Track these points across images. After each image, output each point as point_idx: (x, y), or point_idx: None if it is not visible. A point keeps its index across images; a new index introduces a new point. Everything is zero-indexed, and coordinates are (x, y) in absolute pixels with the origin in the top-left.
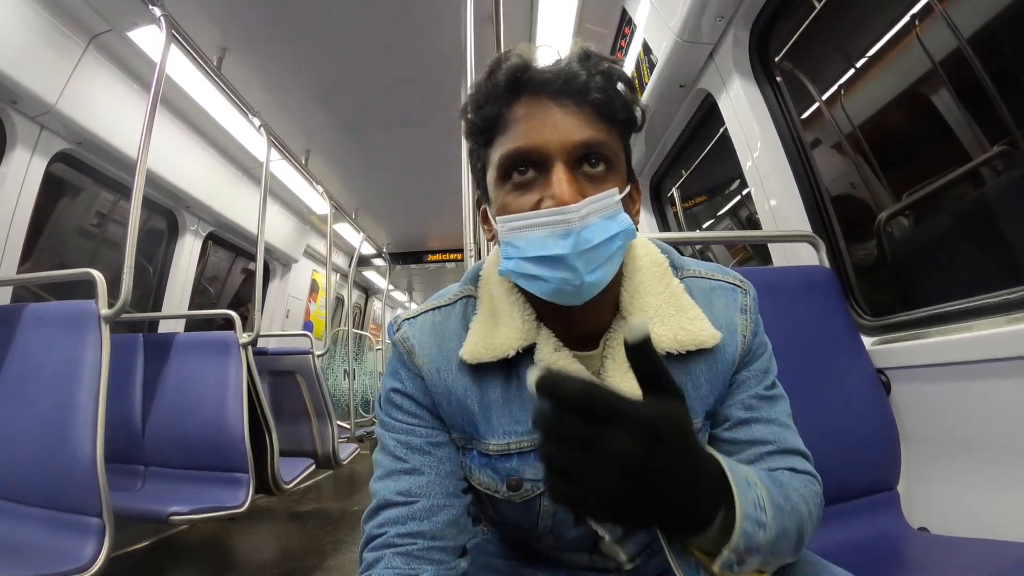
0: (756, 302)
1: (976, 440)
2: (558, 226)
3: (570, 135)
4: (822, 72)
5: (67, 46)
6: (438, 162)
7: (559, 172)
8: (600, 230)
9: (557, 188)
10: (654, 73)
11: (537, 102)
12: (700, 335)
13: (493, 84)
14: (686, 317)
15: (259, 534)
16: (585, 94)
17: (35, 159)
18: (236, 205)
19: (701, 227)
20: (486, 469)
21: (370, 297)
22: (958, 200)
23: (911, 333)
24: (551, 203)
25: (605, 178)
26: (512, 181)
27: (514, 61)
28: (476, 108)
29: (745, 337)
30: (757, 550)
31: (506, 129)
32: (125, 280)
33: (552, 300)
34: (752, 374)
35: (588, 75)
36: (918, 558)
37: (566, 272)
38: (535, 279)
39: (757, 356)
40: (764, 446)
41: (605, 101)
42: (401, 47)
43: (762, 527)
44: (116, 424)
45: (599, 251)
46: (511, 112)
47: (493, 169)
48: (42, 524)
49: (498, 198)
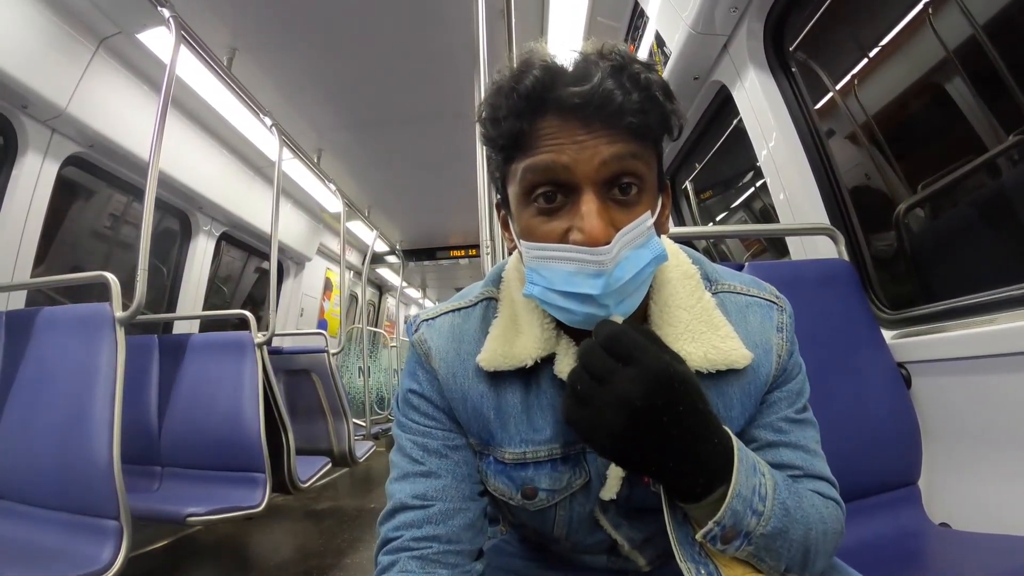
0: (792, 320)
1: (998, 435)
2: (588, 266)
3: (601, 160)
4: (837, 62)
5: (77, 49)
6: (451, 158)
7: (589, 203)
8: (632, 264)
9: (588, 223)
10: (667, 66)
11: (565, 124)
12: (732, 355)
13: (515, 99)
14: (717, 335)
15: (276, 533)
16: (620, 117)
17: (47, 163)
18: (249, 205)
19: (715, 219)
20: (501, 476)
21: (384, 294)
22: (978, 191)
23: (932, 326)
24: (580, 237)
25: (637, 201)
26: (537, 205)
27: (537, 75)
28: (494, 121)
29: (780, 357)
30: (746, 536)
31: (530, 148)
32: (139, 283)
33: (578, 328)
34: (784, 395)
35: (624, 94)
36: (940, 554)
37: (595, 309)
38: (562, 310)
39: (791, 377)
40: (791, 470)
41: (642, 122)
42: (412, 43)
43: (756, 515)
44: (132, 425)
45: (630, 285)
46: (534, 129)
47: (515, 185)
48: (60, 527)
49: (522, 218)
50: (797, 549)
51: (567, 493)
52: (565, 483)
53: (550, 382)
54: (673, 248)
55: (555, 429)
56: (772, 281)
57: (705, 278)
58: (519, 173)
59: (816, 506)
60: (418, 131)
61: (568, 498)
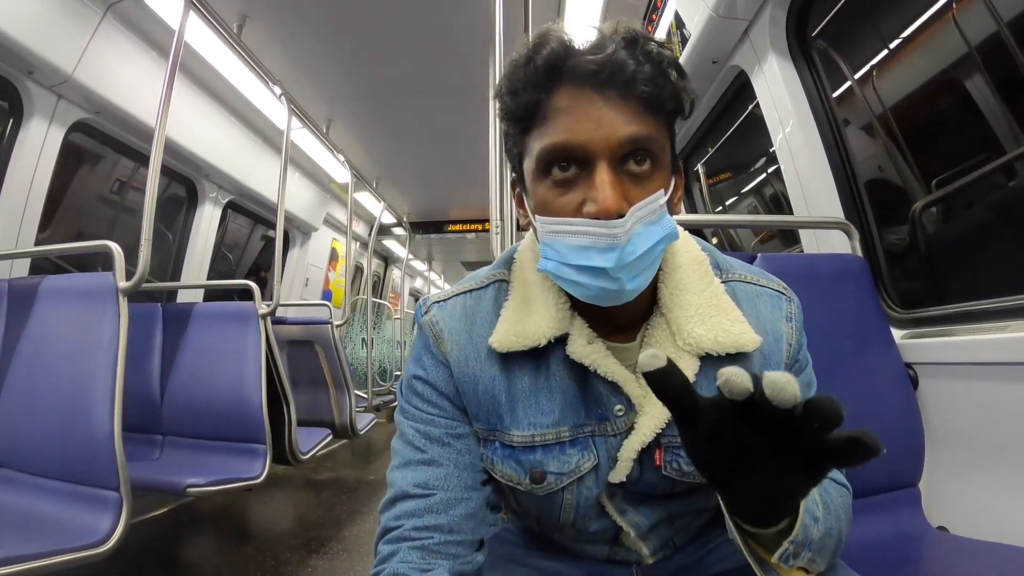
0: (801, 311)
1: (1002, 443)
2: (602, 239)
3: (615, 131)
4: (858, 52)
5: (84, 14)
6: (462, 132)
7: (603, 174)
8: (644, 239)
9: (601, 193)
10: (686, 48)
11: (580, 93)
12: (741, 338)
13: (532, 70)
14: (727, 319)
15: (276, 503)
16: (632, 86)
17: (52, 129)
18: (256, 174)
19: (725, 203)
20: (509, 461)
21: (389, 266)
22: (997, 193)
23: (943, 329)
24: (594, 208)
25: (651, 176)
26: (552, 177)
27: (554, 46)
28: (512, 93)
29: (791, 346)
30: (810, 545)
31: (545, 120)
32: (143, 252)
33: (591, 303)
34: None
35: (636, 64)
36: (937, 559)
37: (608, 283)
38: (575, 284)
39: (802, 368)
40: None
41: (654, 93)
42: (427, 15)
43: (816, 521)
44: (135, 394)
45: (642, 260)
46: (551, 101)
47: (531, 159)
48: (60, 497)
49: (537, 192)
50: (835, 542)
51: (576, 476)
52: (574, 465)
53: (560, 364)
54: (684, 235)
55: (563, 412)
56: (785, 274)
57: (715, 266)
58: (536, 149)
59: (833, 497)
60: (430, 105)
61: (576, 481)
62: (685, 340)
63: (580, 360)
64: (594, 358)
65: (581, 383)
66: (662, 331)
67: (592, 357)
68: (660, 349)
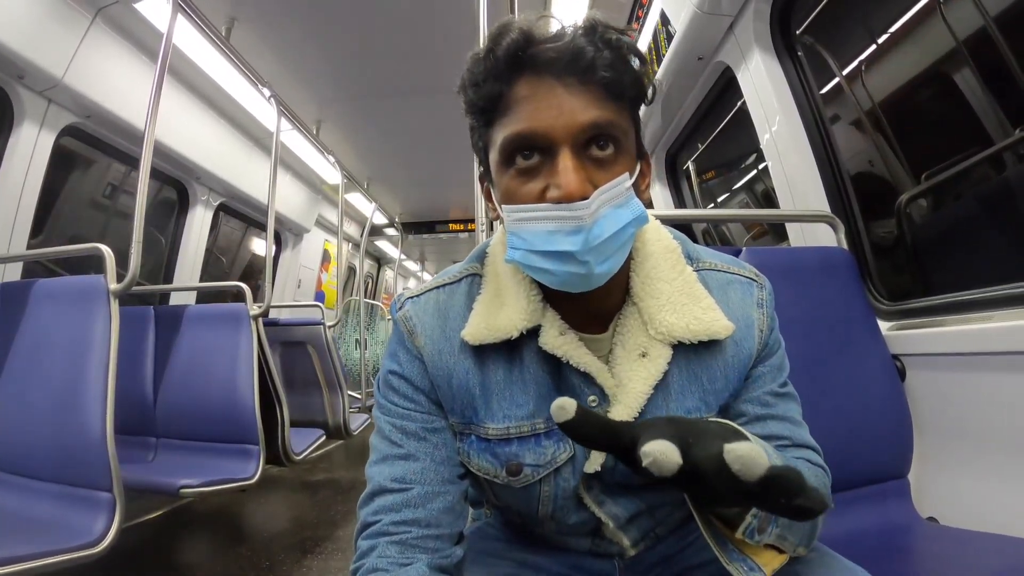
0: (772, 297)
1: (990, 432)
2: (567, 222)
3: (576, 117)
4: (844, 47)
5: (73, 18)
6: (451, 132)
7: (565, 159)
8: (611, 222)
9: (564, 178)
10: (672, 45)
11: (540, 81)
12: (713, 325)
13: (492, 61)
14: (699, 307)
15: (270, 504)
16: (592, 72)
17: (43, 133)
18: (247, 176)
19: (716, 200)
20: (485, 454)
21: (382, 267)
22: (982, 185)
23: (929, 320)
24: (557, 193)
25: (615, 160)
26: (516, 166)
27: (514, 36)
28: (474, 86)
29: (762, 332)
30: (776, 520)
31: (508, 110)
32: (133, 254)
33: (560, 289)
34: (768, 370)
35: (595, 50)
36: (927, 549)
37: (576, 267)
38: (543, 271)
39: (773, 352)
40: (779, 441)
41: (614, 79)
42: (413, 14)
43: None
44: (128, 396)
45: (610, 243)
46: (512, 91)
47: (495, 151)
48: (53, 499)
49: (502, 182)
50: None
51: (552, 468)
52: (550, 457)
53: (533, 356)
54: (655, 224)
55: (538, 404)
56: (770, 267)
57: (687, 255)
58: (499, 140)
59: (811, 476)
60: (419, 104)
61: (553, 473)
62: (657, 329)
63: (552, 351)
64: (566, 349)
65: (554, 375)
66: (634, 320)
67: (564, 348)
68: (633, 338)
